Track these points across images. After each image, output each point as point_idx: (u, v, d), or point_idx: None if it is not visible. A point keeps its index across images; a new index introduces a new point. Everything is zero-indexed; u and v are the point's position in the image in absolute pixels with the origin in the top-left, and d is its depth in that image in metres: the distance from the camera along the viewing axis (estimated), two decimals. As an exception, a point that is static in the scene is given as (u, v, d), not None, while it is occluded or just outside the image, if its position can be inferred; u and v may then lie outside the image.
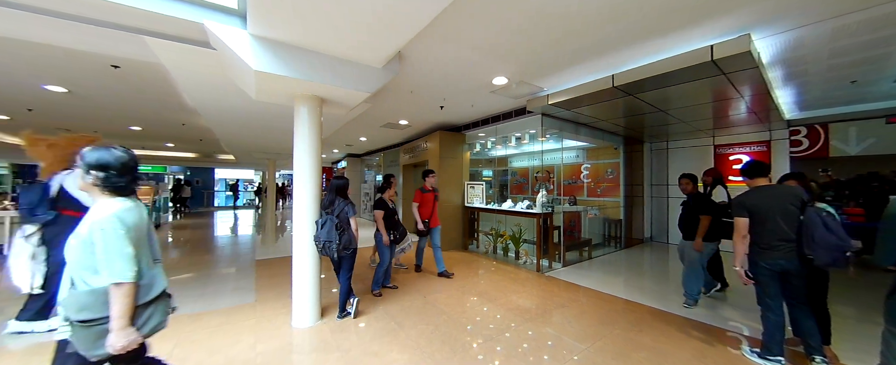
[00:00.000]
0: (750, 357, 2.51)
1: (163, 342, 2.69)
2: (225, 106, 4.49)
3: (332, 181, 3.26)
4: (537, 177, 8.34)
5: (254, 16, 2.16)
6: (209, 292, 4.00)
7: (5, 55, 3.55)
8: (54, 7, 2.09)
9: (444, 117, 6.29)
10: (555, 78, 4.10)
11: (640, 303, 3.70)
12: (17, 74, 4.16)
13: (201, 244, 7.43)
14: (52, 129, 8.10)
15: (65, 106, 5.59)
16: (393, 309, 3.47)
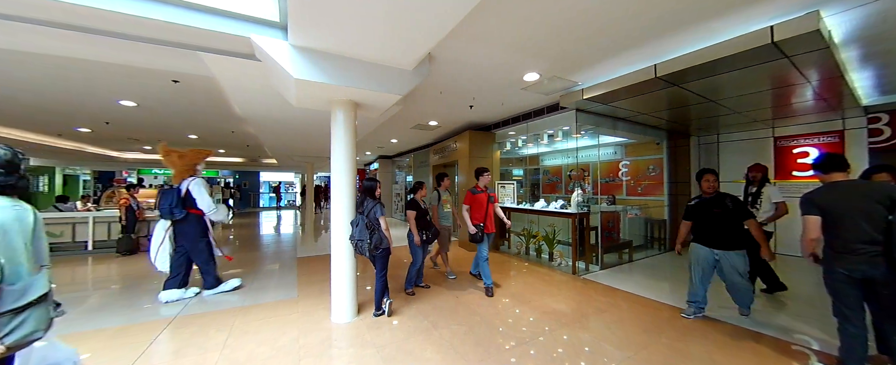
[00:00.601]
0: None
1: (218, 333, 2.93)
2: (269, 113, 4.80)
3: (363, 183, 3.36)
4: (571, 175, 8.04)
5: (294, 28, 2.29)
6: (256, 287, 4.30)
7: (88, 75, 4.06)
8: (128, 31, 2.36)
9: (474, 117, 6.26)
10: (590, 71, 3.93)
11: (689, 310, 3.43)
12: (97, 92, 4.75)
13: (248, 242, 8.02)
14: (124, 139, 9.16)
15: (134, 118, 6.29)
16: (425, 308, 3.51)
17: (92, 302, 3.78)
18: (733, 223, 3.00)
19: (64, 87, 4.50)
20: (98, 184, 17.74)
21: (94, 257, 6.15)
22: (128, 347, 2.66)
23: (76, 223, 6.54)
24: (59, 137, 8.66)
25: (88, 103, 5.31)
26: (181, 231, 3.87)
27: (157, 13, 2.18)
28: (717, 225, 3.04)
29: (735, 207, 3.01)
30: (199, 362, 2.45)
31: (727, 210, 3.00)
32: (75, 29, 2.29)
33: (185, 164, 3.99)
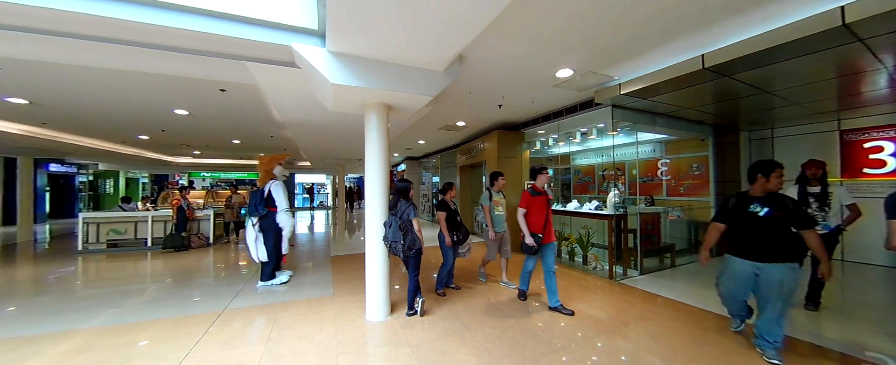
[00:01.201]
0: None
1: (262, 327, 3.10)
2: (306, 118, 5.03)
3: (396, 184, 3.42)
4: (605, 175, 7.71)
5: (331, 35, 2.37)
6: (295, 284, 4.51)
7: (148, 87, 4.46)
8: (183, 45, 2.56)
9: (502, 116, 6.18)
10: (629, 65, 3.73)
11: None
12: (155, 102, 5.20)
13: (286, 241, 8.43)
14: (177, 144, 9.96)
15: (186, 126, 6.82)
16: (457, 309, 3.50)
17: (149, 294, 4.14)
18: (786, 231, 2.41)
19: (128, 99, 4.98)
20: (154, 186, 19.46)
21: (151, 253, 6.75)
22: (184, 337, 2.88)
23: (138, 222, 7.21)
24: (123, 144, 9.59)
25: (148, 113, 5.83)
26: (263, 226, 4.40)
27: (209, 27, 2.34)
28: (764, 232, 2.43)
29: (796, 211, 2.42)
30: (245, 354, 2.60)
31: (787, 214, 2.41)
32: (137, 45, 2.52)
33: (264, 168, 4.60)
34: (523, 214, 3.49)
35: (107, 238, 7.04)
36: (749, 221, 2.49)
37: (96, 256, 6.59)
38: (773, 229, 2.42)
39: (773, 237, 2.42)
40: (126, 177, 18.13)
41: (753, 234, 2.48)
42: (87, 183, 16.01)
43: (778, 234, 2.41)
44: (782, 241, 2.41)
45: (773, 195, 2.49)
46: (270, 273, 4.42)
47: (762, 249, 2.44)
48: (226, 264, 5.83)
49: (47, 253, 6.96)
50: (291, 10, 2.48)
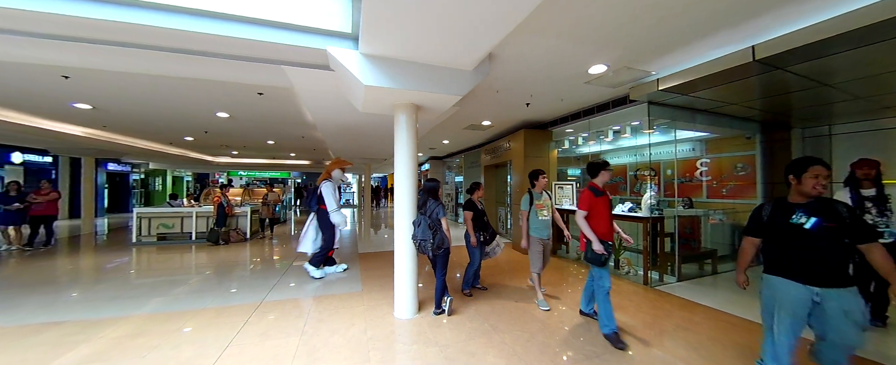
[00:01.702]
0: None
1: (296, 319, 3.23)
2: (336, 119, 5.18)
3: (424, 183, 3.44)
4: (638, 175, 7.36)
5: (365, 37, 2.43)
6: (325, 280, 4.66)
7: (193, 91, 4.77)
8: (228, 51, 2.72)
9: (530, 115, 6.06)
10: (668, 59, 3.54)
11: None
12: (200, 106, 5.56)
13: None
14: (218, 145, 10.60)
15: (227, 127, 7.25)
16: (484, 310, 3.47)
17: (193, 284, 4.43)
18: (841, 245, 1.88)
19: (176, 103, 5.36)
20: (197, 183, 20.85)
21: (195, 246, 7.23)
22: (226, 326, 3.06)
23: (184, 217, 7.76)
24: (171, 145, 10.34)
25: (193, 116, 6.26)
26: (318, 221, 4.86)
27: (251, 33, 2.46)
28: (817, 248, 1.88)
29: (854, 222, 1.89)
30: (283, 345, 2.72)
31: (842, 225, 1.86)
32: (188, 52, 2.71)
33: (327, 169, 5.03)
34: (584, 218, 2.92)
35: (157, 231, 7.63)
36: (794, 235, 1.94)
37: (148, 247, 7.16)
38: (828, 245, 1.87)
39: (830, 255, 1.86)
40: (172, 175, 19.57)
41: (803, 250, 1.92)
42: (140, 181, 17.44)
43: (836, 250, 1.87)
44: (842, 259, 1.89)
45: (822, 201, 1.94)
46: (317, 262, 4.76)
47: (820, 270, 1.87)
48: (261, 259, 6.14)
49: (106, 244, 7.65)
50: (326, 14, 2.56)
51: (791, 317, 1.93)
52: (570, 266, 5.42)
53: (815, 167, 1.92)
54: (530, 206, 3.61)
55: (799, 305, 1.91)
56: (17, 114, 6.21)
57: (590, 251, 2.89)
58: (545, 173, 3.74)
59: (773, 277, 2.04)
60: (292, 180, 21.39)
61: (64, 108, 5.76)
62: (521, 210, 3.65)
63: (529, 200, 3.62)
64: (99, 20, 2.19)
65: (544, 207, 3.64)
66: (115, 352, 2.61)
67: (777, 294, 1.99)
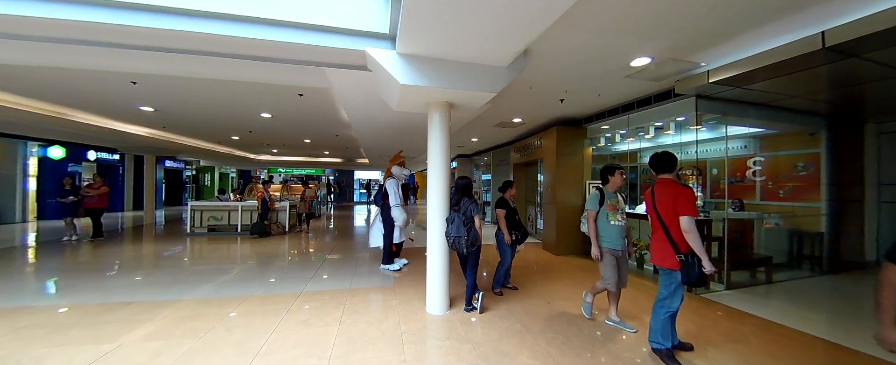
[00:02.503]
0: None
1: (333, 310, 3.37)
2: (369, 117, 5.34)
3: (456, 181, 3.45)
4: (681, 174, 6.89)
5: (403, 37, 2.47)
6: (359, 273, 4.83)
7: (240, 94, 5.11)
8: (275, 55, 2.88)
9: (563, 111, 5.87)
10: (720, 49, 3.28)
11: (865, 354, 2.58)
12: (246, 107, 5.95)
13: (348, 232, 9.08)
14: (259, 144, 11.29)
15: (268, 127, 7.70)
16: (516, 310, 3.43)
17: (238, 273, 4.77)
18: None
19: (225, 104, 5.78)
20: (240, 180, 22.34)
21: (241, 238, 7.77)
22: (270, 314, 3.26)
23: (230, 211, 8.36)
24: (219, 144, 11.17)
25: (239, 116, 6.71)
26: (383, 217, 5.14)
27: (296, 37, 2.60)
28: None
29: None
30: (322, 333, 2.85)
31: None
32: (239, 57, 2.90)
33: (388, 168, 5.25)
34: (690, 223, 2.24)
35: (208, 223, 8.28)
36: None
37: (199, 238, 7.80)
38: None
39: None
40: (220, 172, 21.11)
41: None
42: (192, 177, 19.00)
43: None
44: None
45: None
46: (389, 259, 5.04)
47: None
48: (298, 251, 6.47)
49: (164, 234, 8.43)
50: (365, 16, 2.64)
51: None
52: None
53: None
54: (599, 206, 2.98)
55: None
56: (93, 116, 6.99)
57: (693, 272, 2.21)
58: (623, 169, 3.03)
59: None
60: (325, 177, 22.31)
61: (131, 110, 6.40)
62: (588, 210, 3.02)
63: (599, 200, 2.98)
64: (176, 31, 2.41)
65: (617, 210, 2.98)
66: (176, 331, 2.87)
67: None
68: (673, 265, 2.34)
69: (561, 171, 6.32)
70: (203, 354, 2.49)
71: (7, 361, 2.37)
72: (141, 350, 2.54)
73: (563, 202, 6.23)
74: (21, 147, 9.84)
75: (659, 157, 2.56)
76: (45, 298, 3.71)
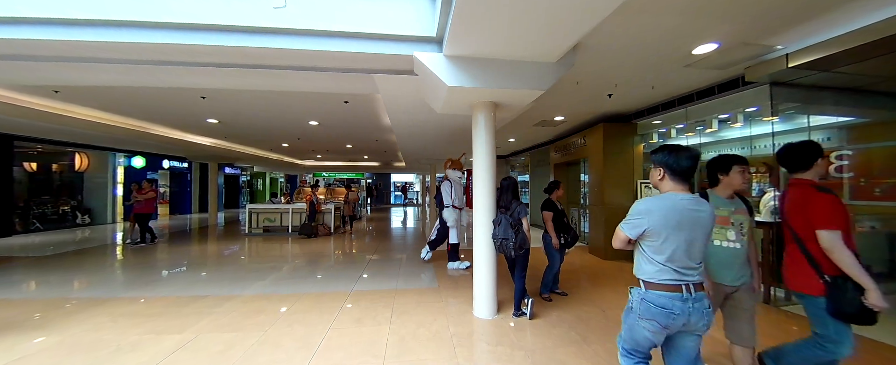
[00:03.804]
0: None
1: (383, 310, 3.45)
2: (411, 121, 5.44)
3: (502, 182, 3.37)
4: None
5: (452, 39, 2.47)
6: (403, 273, 4.92)
7: (291, 103, 5.45)
8: (326, 65, 3.02)
9: (611, 107, 5.55)
10: (802, 28, 2.89)
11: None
12: (296, 116, 6.34)
13: (387, 233, 9.32)
14: (306, 150, 11.99)
15: (315, 134, 8.14)
16: (568, 318, 3.27)
17: (293, 271, 5.07)
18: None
19: (277, 114, 6.20)
20: (288, 184, 23.91)
21: (291, 238, 8.28)
22: (326, 311, 3.41)
23: (282, 213, 8.95)
24: (271, 151, 12.05)
25: (289, 125, 7.17)
26: (441, 217, 5.42)
27: (348, 47, 2.70)
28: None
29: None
30: (375, 332, 2.92)
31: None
32: (293, 69, 3.09)
33: (445, 173, 5.52)
34: (835, 237, 1.67)
35: (262, 224, 8.94)
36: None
37: (255, 238, 8.43)
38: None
39: None
40: (271, 177, 22.77)
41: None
42: (247, 182, 20.70)
43: None
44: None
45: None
46: (455, 256, 5.22)
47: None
48: (344, 252, 6.75)
49: (224, 234, 9.23)
50: (412, 21, 2.67)
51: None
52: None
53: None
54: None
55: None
56: (168, 129, 7.86)
57: (844, 299, 1.66)
58: (745, 164, 1.94)
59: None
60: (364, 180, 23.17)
61: (200, 122, 7.10)
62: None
63: None
64: (242, 47, 2.62)
65: (731, 225, 1.90)
66: (245, 323, 3.11)
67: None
68: (816, 290, 1.74)
69: (609, 170, 5.97)
70: (269, 347, 2.66)
71: (109, 345, 2.71)
72: (216, 340, 2.77)
73: (612, 203, 5.88)
74: (111, 158, 11.34)
75: (793, 149, 1.89)
76: (131, 290, 4.20)
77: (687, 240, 1.44)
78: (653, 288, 1.48)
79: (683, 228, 1.44)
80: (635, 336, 1.56)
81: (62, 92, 5.08)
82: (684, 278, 1.45)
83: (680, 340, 1.53)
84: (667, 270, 1.45)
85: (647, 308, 1.48)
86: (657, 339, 1.51)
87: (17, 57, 2.90)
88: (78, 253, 6.51)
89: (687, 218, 1.45)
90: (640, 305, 1.51)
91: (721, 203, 1.93)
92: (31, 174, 10.17)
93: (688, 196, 1.49)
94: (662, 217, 1.45)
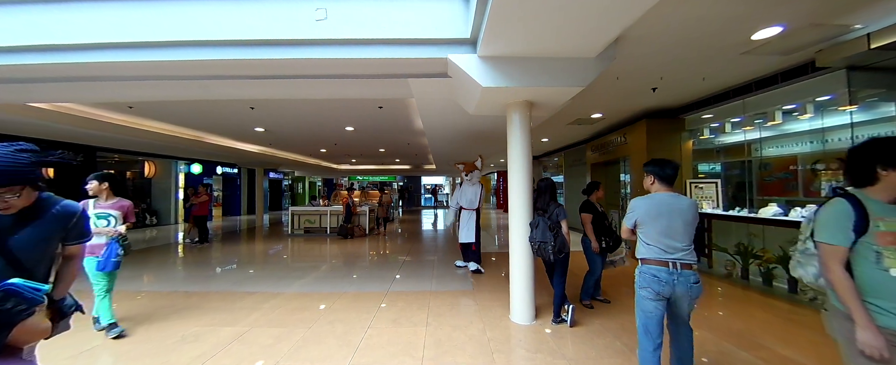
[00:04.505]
0: None
1: (419, 311, 3.47)
2: (443, 124, 5.47)
3: (540, 183, 3.26)
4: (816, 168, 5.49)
5: (487, 40, 2.44)
6: (436, 275, 4.94)
7: (328, 110, 5.70)
8: (363, 71, 3.12)
9: (655, 101, 5.20)
10: (889, 3, 2.52)
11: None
12: (333, 122, 6.62)
13: (418, 235, 9.43)
14: (342, 154, 12.50)
15: (350, 139, 8.46)
16: (613, 326, 3.09)
17: (333, 270, 5.27)
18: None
19: (316, 121, 6.52)
20: (324, 188, 25.05)
21: (329, 239, 8.65)
22: (364, 310, 3.51)
23: (321, 214, 9.39)
24: (310, 156, 12.70)
25: (327, 131, 7.52)
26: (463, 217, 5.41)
27: (383, 53, 2.76)
28: None
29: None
30: (412, 333, 2.95)
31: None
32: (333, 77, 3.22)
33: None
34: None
35: (303, 226, 9.43)
36: None
37: (297, 238, 8.91)
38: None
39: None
40: (309, 180, 24.02)
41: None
42: (289, 185, 21.99)
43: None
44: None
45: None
46: (474, 258, 5.15)
47: None
48: (378, 253, 6.92)
49: (269, 234, 9.84)
50: (446, 24, 2.68)
51: None
52: (715, 284, 4.41)
53: None
54: (857, 236, 1.25)
55: None
56: (221, 138, 8.56)
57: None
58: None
59: None
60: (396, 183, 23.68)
61: (248, 131, 7.66)
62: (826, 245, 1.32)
63: (854, 221, 1.25)
64: (287, 59, 2.79)
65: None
66: (290, 319, 3.28)
67: None
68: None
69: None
70: (313, 343, 2.78)
71: (175, 335, 2.97)
72: (266, 334, 2.94)
73: (657, 205, 5.50)
74: (173, 165, 12.57)
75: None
76: (192, 285, 4.59)
77: (666, 224, 1.89)
78: (646, 263, 1.94)
79: (662, 216, 1.90)
80: (643, 307, 1.94)
81: (134, 108, 5.72)
82: (669, 256, 1.87)
83: (674, 307, 1.94)
84: (654, 249, 1.91)
85: (643, 278, 1.92)
86: (657, 307, 1.89)
87: (99, 78, 3.31)
88: (147, 251, 7.27)
89: (665, 208, 1.91)
90: (638, 276, 1.95)
91: (884, 212, 1.24)
92: (110, 181, 11.56)
93: (669, 193, 1.96)
94: (646, 210, 1.94)
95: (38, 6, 2.73)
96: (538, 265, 3.37)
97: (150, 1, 2.70)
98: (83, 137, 7.61)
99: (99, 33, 2.73)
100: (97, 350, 2.70)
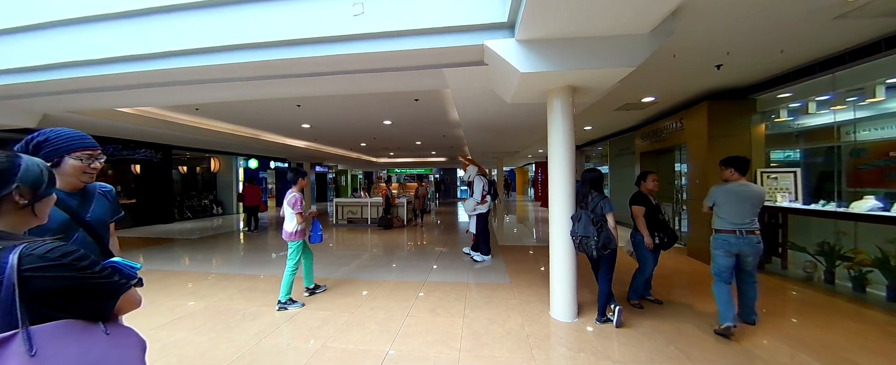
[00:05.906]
0: None
1: (456, 302, 3.48)
2: (480, 114, 5.37)
3: (584, 174, 3.07)
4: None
5: (527, 19, 2.30)
6: (473, 267, 4.92)
7: (367, 105, 5.85)
8: (399, 64, 3.14)
9: (719, 80, 4.61)
10: None
11: None
12: (372, 116, 6.80)
13: (454, 227, 9.45)
14: (380, 148, 12.88)
15: (388, 132, 8.66)
16: (665, 329, 2.84)
17: (373, 259, 5.48)
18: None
19: (356, 116, 6.74)
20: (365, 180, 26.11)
21: (370, 229, 9.01)
22: (402, 299, 3.60)
23: (362, 206, 9.80)
24: (351, 150, 13.27)
25: (367, 125, 7.75)
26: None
27: (418, 43, 2.74)
28: None
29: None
30: (450, 323, 2.97)
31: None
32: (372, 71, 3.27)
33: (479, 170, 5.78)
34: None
35: (346, 216, 9.92)
36: None
37: (341, 228, 9.40)
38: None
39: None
40: (351, 174, 25.19)
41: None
42: (332, 179, 23.26)
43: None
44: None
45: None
46: (485, 249, 5.32)
47: None
48: (416, 244, 7.07)
49: (318, 225, 10.48)
50: (481, 8, 2.58)
51: None
52: (791, 287, 3.88)
53: None
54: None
55: None
56: (273, 135, 9.22)
57: None
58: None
59: None
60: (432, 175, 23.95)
61: (296, 128, 8.15)
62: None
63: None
64: (332, 56, 2.89)
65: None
66: (335, 304, 3.48)
67: None
68: None
69: (715, 157, 4.95)
70: (357, 327, 2.92)
71: (237, 313, 3.28)
72: (314, 317, 3.15)
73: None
74: (234, 161, 13.85)
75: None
76: (251, 268, 5.03)
77: (736, 206, 2.73)
78: (720, 232, 2.78)
79: (731, 202, 2.75)
80: (717, 261, 2.78)
81: (201, 109, 6.35)
82: (737, 226, 2.71)
83: (741, 261, 2.78)
84: (725, 221, 2.76)
85: (717, 242, 2.79)
86: (728, 261, 2.75)
87: (172, 83, 3.69)
88: (214, 237, 8.12)
89: (734, 196, 2.75)
90: (714, 241, 2.81)
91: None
92: (183, 175, 13.02)
93: (741, 182, 2.77)
94: (722, 196, 2.81)
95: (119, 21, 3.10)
96: (581, 260, 3.20)
97: (208, 8, 2.93)
98: (160, 137, 8.65)
99: (173, 42, 3.03)
100: (170, 324, 3.07)
